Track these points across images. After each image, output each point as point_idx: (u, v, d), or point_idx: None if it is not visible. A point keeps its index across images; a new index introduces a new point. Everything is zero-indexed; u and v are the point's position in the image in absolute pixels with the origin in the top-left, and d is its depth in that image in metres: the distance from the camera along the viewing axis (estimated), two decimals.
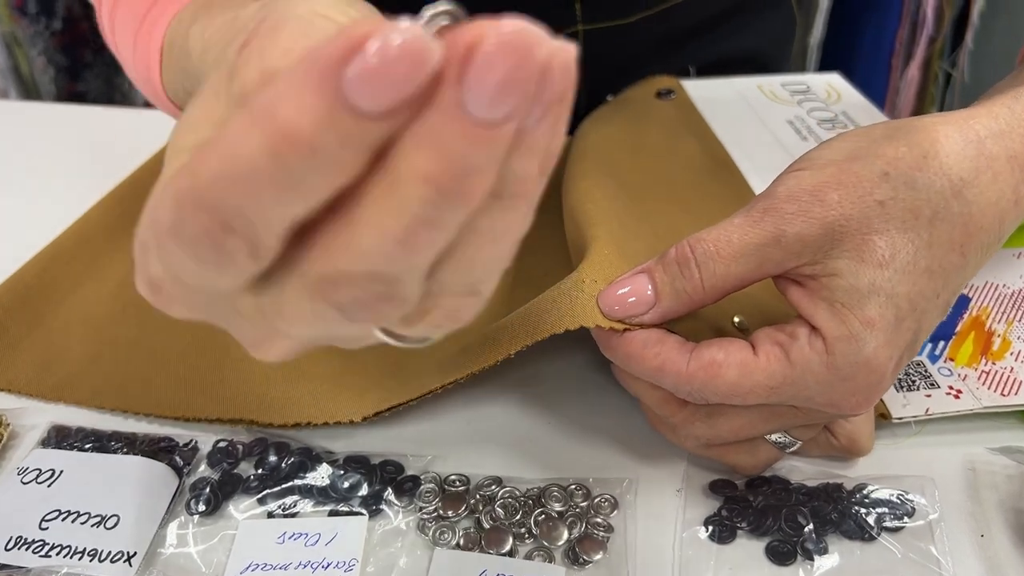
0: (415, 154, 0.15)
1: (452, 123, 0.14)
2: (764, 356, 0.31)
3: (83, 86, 1.46)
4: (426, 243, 0.16)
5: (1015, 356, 0.40)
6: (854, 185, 0.31)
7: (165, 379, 0.41)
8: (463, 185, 0.15)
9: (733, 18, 0.68)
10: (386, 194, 0.16)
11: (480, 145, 0.15)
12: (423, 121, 0.15)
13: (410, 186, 0.15)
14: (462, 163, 0.15)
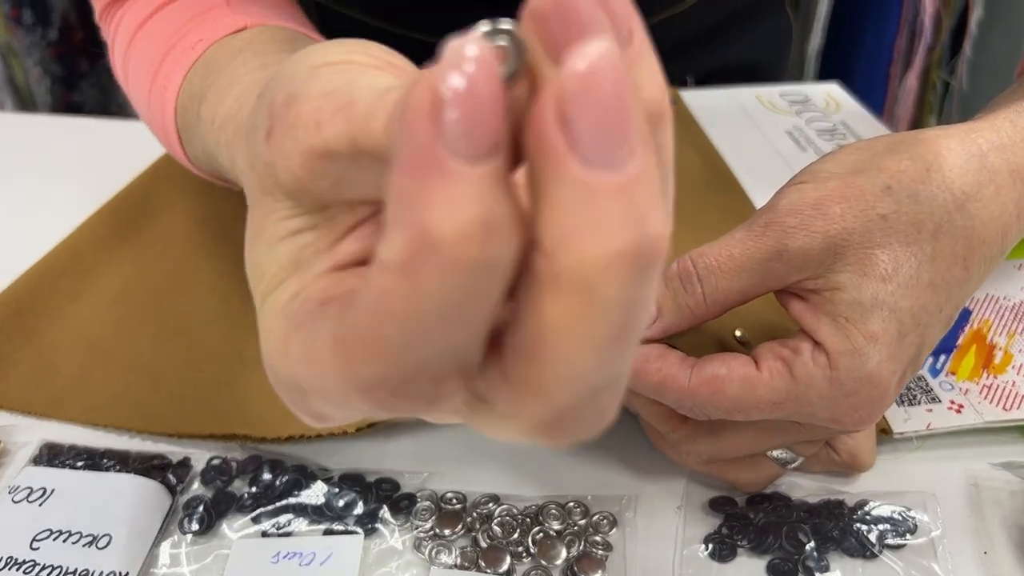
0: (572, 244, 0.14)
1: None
2: (767, 371, 0.31)
3: (79, 96, 1.46)
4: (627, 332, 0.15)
5: (1017, 370, 0.39)
6: (857, 198, 0.31)
7: (158, 395, 0.41)
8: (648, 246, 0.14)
9: (730, 28, 0.68)
10: (566, 305, 0.14)
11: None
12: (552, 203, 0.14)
13: (594, 284, 0.14)
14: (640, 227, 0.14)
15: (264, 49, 0.33)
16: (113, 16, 0.43)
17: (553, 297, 0.14)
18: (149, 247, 0.50)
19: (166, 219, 0.53)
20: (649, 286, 0.15)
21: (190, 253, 0.50)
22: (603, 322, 0.14)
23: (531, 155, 0.14)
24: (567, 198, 0.13)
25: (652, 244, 0.14)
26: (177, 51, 0.38)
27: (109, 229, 0.51)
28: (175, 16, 0.40)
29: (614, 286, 0.14)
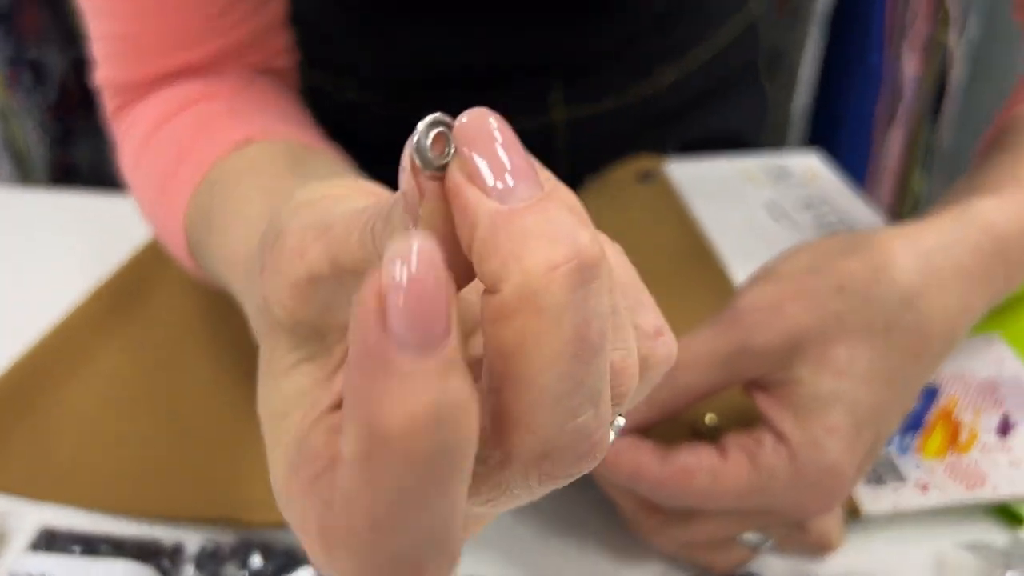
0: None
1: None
2: (733, 463, 0.33)
3: (76, 155, 1.49)
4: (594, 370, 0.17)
5: (981, 448, 0.41)
6: (811, 298, 0.33)
7: (151, 478, 0.42)
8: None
9: (706, 102, 0.70)
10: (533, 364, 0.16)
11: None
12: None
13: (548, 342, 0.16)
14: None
15: (265, 172, 0.34)
16: (123, 119, 0.45)
17: (505, 322, 0.16)
18: (142, 328, 0.52)
19: (159, 300, 0.54)
20: (599, 297, 0.16)
21: (183, 334, 0.51)
22: (558, 331, 0.16)
23: (465, 225, 0.16)
24: (500, 235, 0.16)
25: (587, 253, 0.16)
26: (183, 170, 0.40)
27: (104, 310, 0.53)
28: (181, 129, 0.41)
29: (558, 291, 0.15)
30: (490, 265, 0.16)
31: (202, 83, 0.43)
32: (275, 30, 0.45)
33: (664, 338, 0.21)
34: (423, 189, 0.17)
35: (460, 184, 0.16)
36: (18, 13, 1.33)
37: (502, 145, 0.16)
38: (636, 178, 0.65)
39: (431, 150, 0.17)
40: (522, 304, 0.15)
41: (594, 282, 0.16)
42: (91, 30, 0.44)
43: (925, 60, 1.14)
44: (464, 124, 0.17)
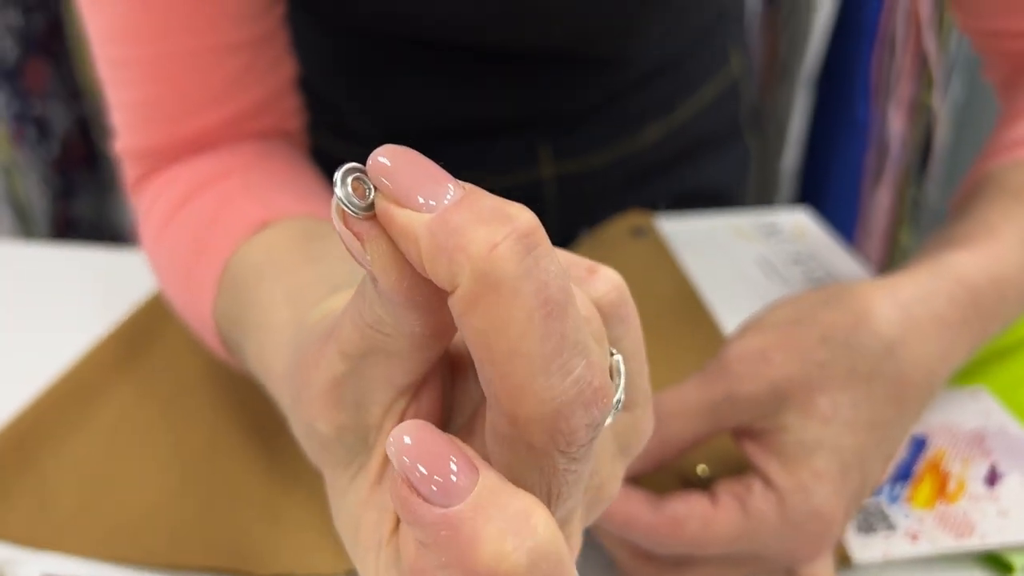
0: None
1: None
2: (723, 509, 0.34)
3: (78, 208, 1.50)
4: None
5: (969, 498, 0.41)
6: (796, 348, 0.34)
7: (154, 527, 0.42)
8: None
9: (694, 156, 0.73)
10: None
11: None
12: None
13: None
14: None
15: (284, 267, 0.35)
16: (143, 194, 0.46)
17: (472, 312, 0.17)
18: (146, 380, 0.53)
19: (164, 351, 0.55)
20: (547, 258, 0.17)
21: (187, 385, 0.52)
22: (520, 297, 0.17)
23: (405, 245, 0.17)
24: (438, 238, 0.17)
25: (522, 224, 0.17)
26: (203, 264, 0.40)
27: (109, 361, 0.54)
28: (197, 215, 0.42)
29: (507, 261, 0.16)
30: (442, 267, 0.17)
31: (216, 159, 0.44)
32: (286, 92, 0.47)
33: (599, 272, 0.22)
34: (360, 233, 0.18)
35: (390, 211, 0.17)
36: (24, 70, 1.36)
37: (415, 163, 0.18)
38: (629, 234, 0.66)
39: (354, 196, 0.18)
40: (480, 287, 0.17)
41: (537, 246, 0.17)
42: (112, 100, 0.45)
43: (911, 119, 1.17)
44: (376, 160, 0.18)
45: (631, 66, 0.64)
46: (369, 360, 0.21)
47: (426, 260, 0.17)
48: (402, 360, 0.21)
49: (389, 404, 0.22)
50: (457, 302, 0.17)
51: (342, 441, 0.22)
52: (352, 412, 0.22)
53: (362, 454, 0.23)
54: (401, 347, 0.20)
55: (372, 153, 0.18)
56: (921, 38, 1.08)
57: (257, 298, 0.34)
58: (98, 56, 0.44)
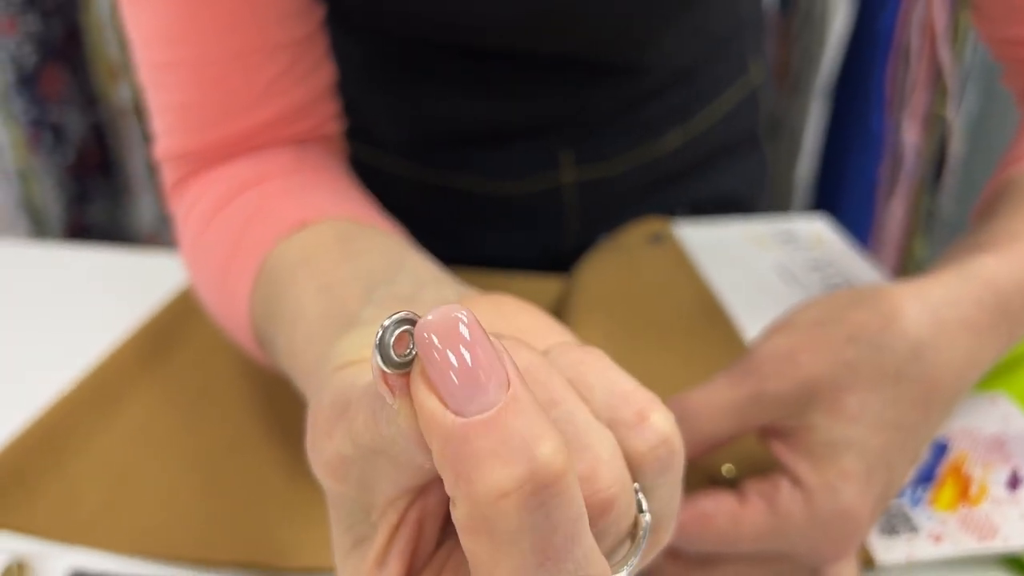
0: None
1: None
2: (751, 506, 0.34)
3: (92, 214, 1.51)
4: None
5: (991, 501, 0.42)
6: (824, 347, 0.34)
7: (180, 523, 0.43)
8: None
9: (712, 163, 0.73)
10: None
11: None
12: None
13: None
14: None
15: (320, 264, 0.35)
16: (182, 198, 0.46)
17: (467, 537, 0.16)
18: (171, 378, 0.53)
19: (190, 349, 0.56)
20: (561, 509, 0.16)
21: (213, 383, 0.53)
22: (516, 550, 0.16)
23: (424, 433, 0.16)
24: (452, 451, 0.16)
25: (544, 471, 0.15)
26: (240, 260, 0.40)
27: (133, 361, 0.54)
28: (236, 217, 0.42)
29: (511, 517, 0.15)
30: (446, 478, 0.16)
31: (256, 163, 0.44)
32: (326, 97, 0.47)
33: (649, 421, 0.21)
34: (392, 386, 0.17)
35: (418, 392, 0.16)
36: (41, 76, 1.37)
37: (471, 342, 0.16)
38: (647, 240, 0.67)
39: (394, 348, 0.17)
40: (475, 526, 0.16)
41: (555, 498, 0.16)
42: (153, 104, 0.45)
43: (925, 131, 1.18)
44: (428, 322, 0.16)
45: (651, 73, 0.64)
46: (378, 457, 0.20)
47: (436, 461, 0.16)
48: (407, 471, 0.20)
49: (393, 496, 0.21)
50: (454, 518, 0.16)
51: (343, 504, 0.22)
52: (355, 488, 0.21)
53: (362, 525, 0.22)
54: (408, 463, 0.19)
55: (432, 310, 0.16)
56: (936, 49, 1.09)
57: (291, 293, 0.34)
58: (140, 60, 0.44)
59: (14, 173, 1.36)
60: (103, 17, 1.33)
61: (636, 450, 0.20)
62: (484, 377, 0.16)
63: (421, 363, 0.16)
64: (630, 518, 0.20)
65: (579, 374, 0.21)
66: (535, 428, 0.16)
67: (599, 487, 0.19)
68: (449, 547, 0.22)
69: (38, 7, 1.33)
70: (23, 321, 0.62)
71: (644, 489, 0.21)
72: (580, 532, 0.17)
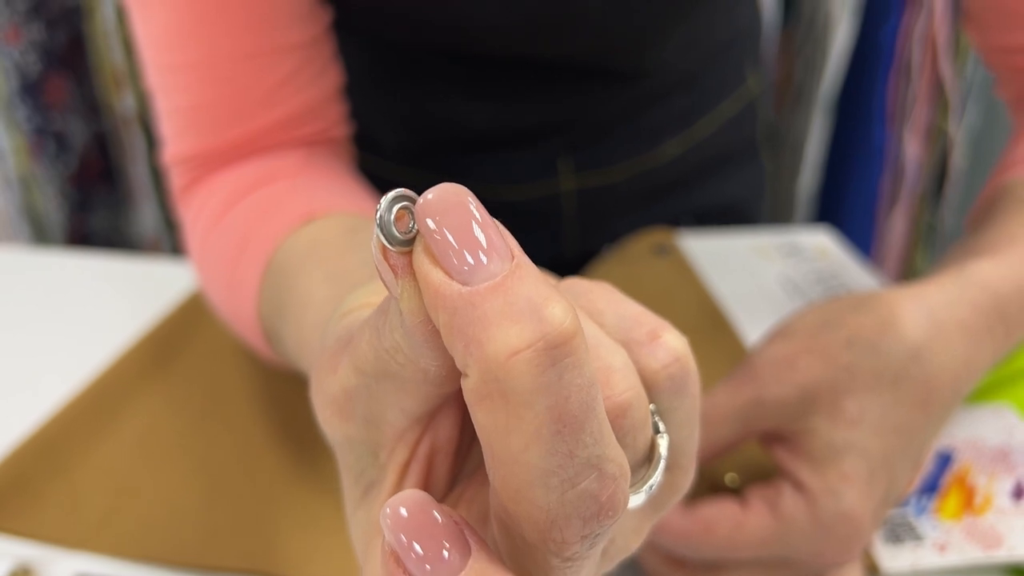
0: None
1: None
2: (753, 512, 0.34)
3: (93, 222, 1.51)
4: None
5: (996, 511, 0.41)
6: (823, 352, 0.34)
7: (185, 528, 0.43)
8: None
9: (711, 172, 0.73)
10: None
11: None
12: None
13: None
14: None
15: (327, 253, 0.35)
16: (190, 201, 0.46)
17: (479, 407, 0.16)
18: (175, 386, 0.53)
19: (192, 357, 0.56)
20: (575, 371, 0.15)
21: (218, 390, 0.53)
22: (530, 414, 0.15)
23: (430, 308, 0.16)
24: (460, 319, 0.15)
25: (555, 331, 0.15)
26: (248, 254, 0.40)
27: (138, 367, 0.54)
28: (244, 215, 0.42)
29: (524, 376, 0.15)
30: (456, 351, 0.16)
31: (265, 163, 0.44)
32: (333, 99, 0.48)
33: (662, 339, 0.21)
34: (395, 266, 0.17)
35: (422, 266, 0.16)
36: (45, 84, 1.37)
37: (472, 217, 0.16)
38: (651, 251, 0.67)
39: (395, 226, 0.17)
40: (488, 391, 0.15)
41: (568, 357, 0.15)
42: (161, 108, 0.46)
43: (927, 144, 1.18)
44: (429, 200, 0.16)
45: (650, 81, 0.65)
46: (382, 382, 0.20)
47: (443, 335, 0.16)
48: (414, 390, 0.19)
49: (401, 428, 0.21)
50: (465, 391, 0.16)
51: (351, 449, 0.22)
52: (361, 426, 0.21)
53: (371, 469, 0.22)
54: (414, 378, 0.19)
55: (432, 188, 0.16)
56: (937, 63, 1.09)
57: (299, 283, 0.34)
58: (149, 63, 0.44)
59: (16, 180, 1.36)
60: (107, 26, 1.34)
61: (649, 367, 0.20)
62: (487, 248, 0.16)
63: (423, 239, 0.16)
64: (647, 433, 0.20)
65: (589, 301, 0.21)
66: (543, 292, 0.16)
67: (613, 392, 0.19)
68: (461, 488, 0.22)
69: (43, 16, 1.34)
70: (24, 328, 0.62)
71: (660, 412, 0.21)
72: (595, 401, 0.16)
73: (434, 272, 0.16)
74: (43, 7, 1.34)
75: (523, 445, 0.16)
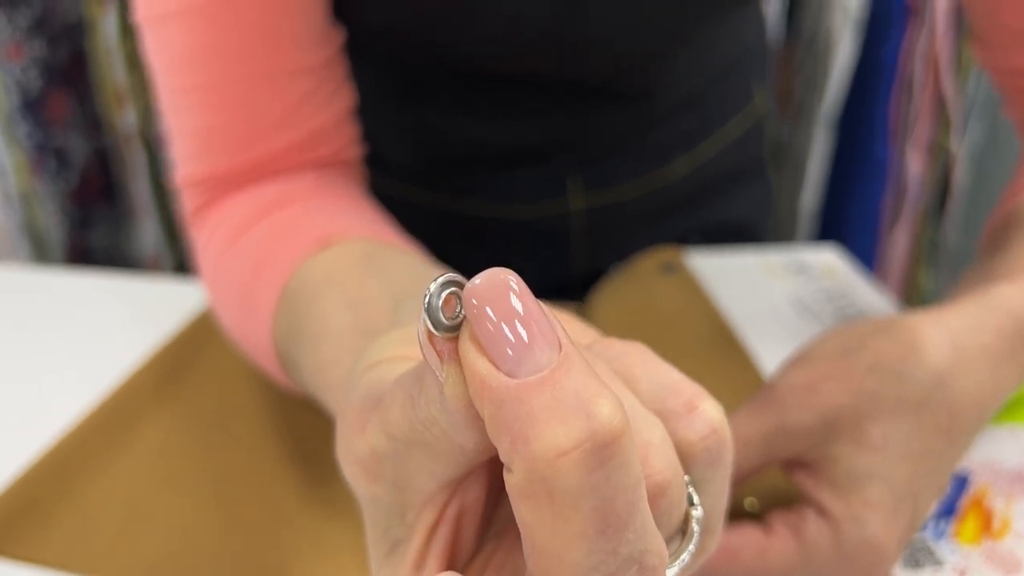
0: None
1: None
2: (777, 538, 0.34)
3: (92, 240, 1.51)
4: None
5: (1015, 535, 0.41)
6: (846, 377, 0.34)
7: (196, 552, 0.42)
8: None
9: (718, 190, 0.73)
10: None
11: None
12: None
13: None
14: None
15: (345, 281, 0.35)
16: (203, 224, 0.46)
17: (523, 504, 0.16)
18: (186, 405, 0.53)
19: (203, 378, 0.55)
20: (622, 471, 0.15)
21: (229, 412, 0.52)
22: (576, 515, 0.15)
23: (475, 397, 0.16)
24: (507, 413, 0.15)
25: (603, 431, 0.15)
26: (263, 280, 0.40)
27: (148, 388, 0.54)
28: (259, 239, 0.42)
29: (571, 476, 0.15)
30: (501, 445, 0.16)
31: (279, 186, 0.44)
32: (346, 121, 0.47)
33: (699, 410, 0.20)
34: (440, 351, 0.17)
35: (468, 355, 0.16)
36: (46, 101, 1.37)
37: (520, 303, 0.16)
38: (659, 270, 0.67)
39: (443, 311, 0.16)
40: (534, 490, 0.15)
41: (615, 458, 0.15)
42: (174, 130, 0.45)
43: (929, 161, 1.18)
44: (476, 286, 0.16)
45: (658, 101, 0.65)
46: (414, 449, 0.19)
47: (488, 428, 0.16)
48: (447, 460, 0.19)
49: (430, 492, 0.20)
50: (509, 486, 0.16)
51: (378, 508, 0.21)
52: (390, 488, 0.21)
53: (398, 528, 0.21)
54: (448, 450, 0.19)
55: (480, 274, 0.16)
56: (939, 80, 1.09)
57: (317, 310, 0.34)
58: (162, 86, 0.44)
59: (17, 197, 1.36)
60: (109, 43, 1.34)
61: (686, 439, 0.20)
62: (536, 338, 0.15)
63: (470, 326, 0.16)
64: (682, 509, 0.19)
65: (624, 366, 0.21)
66: (591, 387, 0.15)
67: (651, 471, 0.18)
68: (489, 551, 0.21)
69: (44, 32, 1.34)
70: (25, 347, 0.61)
71: (695, 483, 0.20)
72: (640, 499, 0.16)
73: (480, 361, 0.16)
74: (45, 24, 1.34)
75: (567, 544, 0.16)
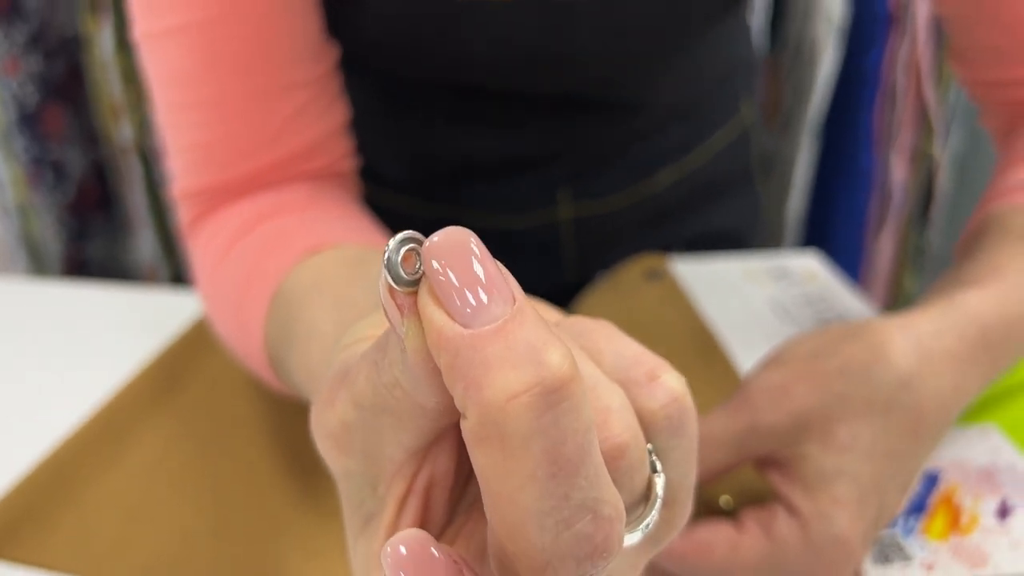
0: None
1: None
2: (748, 534, 0.35)
3: (89, 251, 1.52)
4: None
5: (982, 530, 0.43)
6: (816, 379, 0.36)
7: (193, 557, 0.43)
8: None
9: (706, 200, 0.75)
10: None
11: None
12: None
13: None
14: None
15: (334, 284, 0.36)
16: (199, 233, 0.47)
17: (477, 449, 0.16)
18: (183, 413, 0.54)
19: (200, 386, 0.57)
20: (571, 416, 0.16)
21: (226, 420, 0.53)
22: (527, 456, 0.16)
23: (432, 348, 0.17)
24: (462, 361, 0.16)
25: (552, 376, 0.16)
26: (256, 286, 0.41)
27: (145, 396, 0.55)
28: (253, 246, 0.43)
29: (521, 419, 0.16)
30: (456, 391, 0.16)
31: (273, 197, 0.45)
32: (340, 134, 0.49)
33: (660, 380, 0.21)
34: (400, 305, 0.17)
35: (427, 308, 0.17)
36: (43, 114, 1.39)
37: (476, 258, 0.16)
38: (644, 276, 0.68)
39: (402, 266, 0.17)
40: (486, 433, 0.16)
41: (565, 401, 0.16)
42: (171, 144, 0.47)
43: (912, 167, 1.20)
44: (435, 243, 0.17)
45: (647, 112, 0.66)
46: (380, 417, 0.20)
47: (444, 376, 0.17)
48: (412, 425, 0.20)
49: (399, 462, 0.21)
50: (464, 432, 0.17)
51: (350, 481, 0.22)
52: (360, 459, 0.21)
53: (370, 500, 0.22)
54: (412, 413, 0.19)
55: (439, 231, 0.17)
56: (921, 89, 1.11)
57: (305, 313, 0.35)
58: (159, 101, 0.45)
59: (14, 209, 1.37)
60: (105, 57, 1.35)
61: (647, 407, 0.20)
62: (490, 292, 0.16)
63: (428, 281, 0.17)
64: (644, 474, 0.20)
65: (590, 341, 0.22)
66: (542, 337, 0.16)
67: (610, 434, 0.19)
68: (460, 522, 0.22)
69: (41, 47, 1.35)
70: (23, 358, 0.62)
71: (658, 451, 0.21)
72: (591, 445, 0.17)
73: (437, 313, 0.16)
74: (41, 38, 1.35)
75: (519, 487, 0.16)
